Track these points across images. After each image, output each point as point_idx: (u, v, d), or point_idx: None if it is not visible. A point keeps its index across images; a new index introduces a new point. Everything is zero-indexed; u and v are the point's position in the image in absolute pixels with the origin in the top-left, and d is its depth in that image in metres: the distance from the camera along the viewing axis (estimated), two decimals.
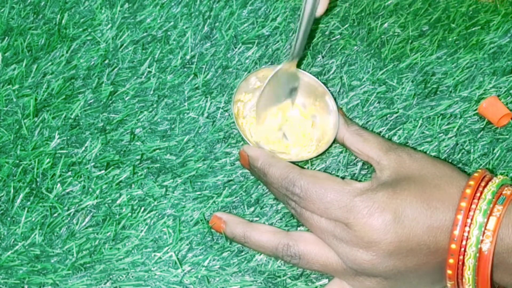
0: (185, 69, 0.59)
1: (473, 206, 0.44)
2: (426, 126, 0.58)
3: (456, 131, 0.58)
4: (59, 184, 0.51)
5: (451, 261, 0.44)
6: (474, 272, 0.44)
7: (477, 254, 0.43)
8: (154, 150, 0.54)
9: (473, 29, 0.64)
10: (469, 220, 0.44)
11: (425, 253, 0.45)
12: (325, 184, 0.47)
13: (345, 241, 0.46)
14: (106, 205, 0.51)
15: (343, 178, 0.53)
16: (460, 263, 0.44)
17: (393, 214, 0.45)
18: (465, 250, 0.44)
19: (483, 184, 0.46)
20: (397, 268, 0.45)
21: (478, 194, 0.45)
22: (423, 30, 0.64)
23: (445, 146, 0.57)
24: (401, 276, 0.46)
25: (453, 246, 0.44)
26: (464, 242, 0.44)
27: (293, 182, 0.48)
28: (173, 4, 0.62)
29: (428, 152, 0.56)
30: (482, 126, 0.58)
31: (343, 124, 0.53)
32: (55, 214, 0.50)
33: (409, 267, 0.45)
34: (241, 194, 0.53)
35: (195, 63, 0.59)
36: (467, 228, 0.44)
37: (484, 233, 0.44)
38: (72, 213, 0.50)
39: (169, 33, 0.60)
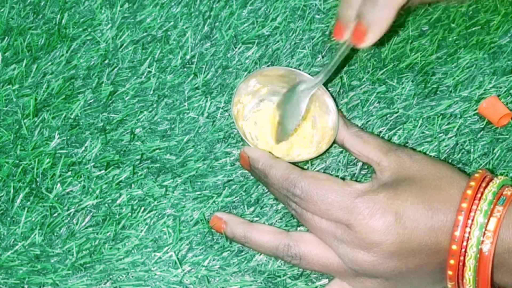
0: (185, 69, 0.59)
1: (474, 207, 0.44)
2: (426, 126, 0.58)
3: (456, 131, 0.58)
4: (59, 184, 0.51)
5: (452, 261, 0.44)
6: (474, 272, 0.44)
7: (478, 255, 0.43)
8: (154, 150, 0.54)
9: (473, 29, 0.64)
10: (470, 221, 0.44)
11: (426, 253, 0.45)
12: (326, 185, 0.47)
13: (346, 242, 0.46)
14: (106, 205, 0.51)
15: (343, 178, 0.53)
16: (461, 263, 0.44)
17: (394, 215, 0.45)
18: (465, 251, 0.44)
19: (483, 184, 0.46)
20: (398, 269, 0.45)
21: (478, 195, 0.45)
22: (423, 30, 0.64)
23: (445, 146, 0.57)
24: (402, 277, 0.46)
25: (454, 247, 0.44)
26: (464, 243, 0.44)
27: (294, 183, 0.48)
28: (173, 4, 0.62)
29: (428, 152, 0.56)
30: (482, 126, 0.58)
31: (343, 126, 0.53)
32: (55, 214, 0.50)
33: (410, 268, 0.45)
34: (241, 194, 0.53)
35: (195, 63, 0.59)
36: (467, 229, 0.44)
37: (484, 234, 0.44)
38: (72, 213, 0.50)
39: (169, 33, 0.60)
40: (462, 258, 0.44)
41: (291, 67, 0.59)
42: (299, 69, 0.58)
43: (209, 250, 0.51)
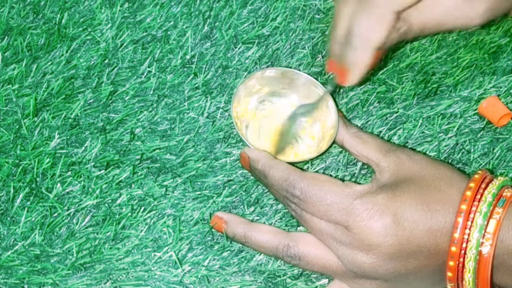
0: (185, 69, 0.59)
1: (473, 208, 0.44)
2: (426, 126, 0.58)
3: (456, 131, 0.58)
4: (59, 184, 0.51)
5: (451, 263, 0.44)
6: (474, 274, 0.44)
7: (477, 257, 0.43)
8: (154, 150, 0.54)
9: (473, 28, 0.64)
10: (469, 223, 0.44)
11: (425, 255, 0.45)
12: (325, 187, 0.47)
13: (345, 243, 0.46)
14: (106, 205, 0.51)
15: (343, 178, 0.53)
16: (460, 265, 0.44)
17: (393, 217, 0.45)
18: (465, 253, 0.44)
19: (483, 186, 0.46)
20: (397, 271, 0.45)
21: (478, 196, 0.45)
22: None
23: (445, 146, 0.57)
24: (401, 278, 0.46)
25: (454, 248, 0.44)
26: (464, 245, 0.44)
27: (293, 184, 0.48)
28: (173, 3, 0.62)
29: (428, 152, 0.56)
30: (482, 126, 0.58)
31: (342, 126, 0.53)
32: (55, 214, 0.50)
33: (410, 270, 0.45)
34: (241, 194, 0.53)
35: (195, 63, 0.59)
36: (467, 231, 0.44)
37: (484, 235, 0.44)
38: (72, 213, 0.50)
39: (169, 32, 0.60)
40: (461, 260, 0.44)
41: (291, 67, 0.59)
42: (299, 69, 0.58)
43: (209, 250, 0.51)
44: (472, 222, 0.44)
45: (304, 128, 0.56)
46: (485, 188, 0.45)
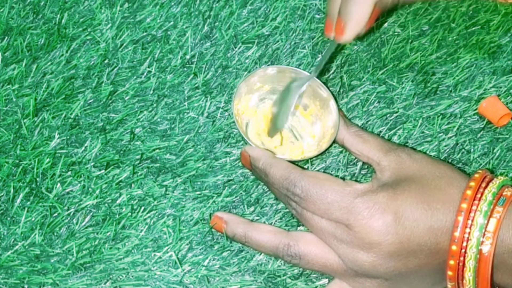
0: (185, 69, 0.59)
1: (474, 207, 0.44)
2: (426, 126, 0.58)
3: (456, 131, 0.58)
4: (59, 184, 0.51)
5: (451, 262, 0.44)
6: (474, 273, 0.44)
7: (478, 256, 0.44)
8: (154, 149, 0.54)
9: (473, 28, 0.64)
10: (469, 222, 0.44)
11: (425, 254, 0.45)
12: (326, 185, 0.47)
13: (345, 242, 0.46)
14: (106, 205, 0.51)
15: (343, 178, 0.53)
16: (461, 264, 0.44)
17: (394, 215, 0.45)
18: (465, 252, 0.44)
19: (483, 185, 0.46)
20: (398, 269, 0.45)
21: (478, 195, 0.45)
22: (423, 29, 0.64)
23: (445, 146, 0.57)
24: (401, 277, 0.46)
25: (454, 247, 0.44)
26: (464, 244, 0.44)
27: (294, 182, 0.48)
28: (172, 3, 0.62)
29: (428, 151, 0.56)
30: (482, 126, 0.58)
31: (343, 125, 0.53)
32: (55, 214, 0.50)
33: (410, 268, 0.45)
34: (241, 193, 0.53)
35: (195, 62, 0.59)
36: (467, 230, 0.44)
37: (484, 234, 0.44)
38: (72, 213, 0.50)
39: (169, 32, 0.60)
40: (462, 258, 0.44)
41: (291, 66, 0.59)
42: (299, 69, 0.58)
43: (209, 250, 0.51)
44: (472, 221, 0.44)
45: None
46: (485, 187, 0.45)
